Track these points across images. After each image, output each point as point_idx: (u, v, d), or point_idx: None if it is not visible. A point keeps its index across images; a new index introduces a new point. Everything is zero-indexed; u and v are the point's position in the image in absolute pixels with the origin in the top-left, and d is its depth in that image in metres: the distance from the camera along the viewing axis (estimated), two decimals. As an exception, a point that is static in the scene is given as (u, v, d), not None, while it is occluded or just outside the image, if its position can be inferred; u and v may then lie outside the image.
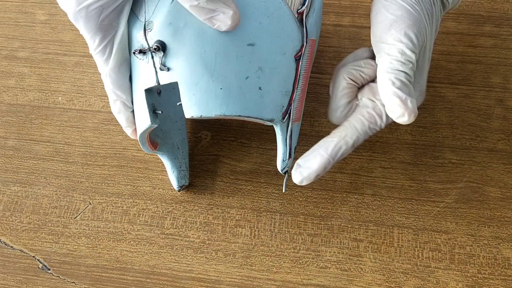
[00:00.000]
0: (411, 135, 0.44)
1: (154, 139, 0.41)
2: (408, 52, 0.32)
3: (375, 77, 0.36)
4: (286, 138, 0.36)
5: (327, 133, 0.41)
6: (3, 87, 0.48)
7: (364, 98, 0.36)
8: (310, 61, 0.38)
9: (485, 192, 0.41)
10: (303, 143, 0.44)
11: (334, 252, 0.39)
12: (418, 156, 0.43)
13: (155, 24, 0.33)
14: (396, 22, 0.33)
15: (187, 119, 0.44)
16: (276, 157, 0.38)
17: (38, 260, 0.40)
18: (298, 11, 0.36)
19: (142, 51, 0.34)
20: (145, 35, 0.34)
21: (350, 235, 0.40)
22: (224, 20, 0.31)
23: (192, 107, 0.33)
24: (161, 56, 0.33)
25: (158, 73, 0.34)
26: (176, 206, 0.42)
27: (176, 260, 0.40)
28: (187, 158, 0.43)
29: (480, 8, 0.50)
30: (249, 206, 0.41)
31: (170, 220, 0.41)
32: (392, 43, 0.33)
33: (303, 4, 0.36)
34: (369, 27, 0.36)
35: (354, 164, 0.43)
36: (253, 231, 0.40)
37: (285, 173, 0.37)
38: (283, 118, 0.35)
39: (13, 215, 0.42)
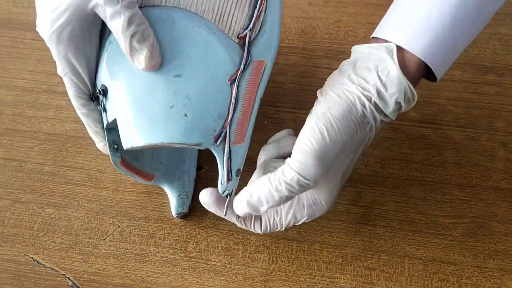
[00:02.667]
0: (420, 172, 0.47)
1: (150, 172, 0.44)
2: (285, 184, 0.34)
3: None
4: (224, 161, 0.38)
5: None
6: (43, 118, 0.52)
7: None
8: (255, 83, 0.39)
9: (490, 227, 0.44)
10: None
11: (348, 279, 0.42)
12: (427, 192, 0.46)
13: (99, 71, 0.38)
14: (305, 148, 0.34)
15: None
16: None
17: (68, 278, 0.43)
18: (239, 36, 0.39)
19: (92, 97, 0.38)
20: (95, 81, 0.38)
21: (363, 263, 0.42)
22: (140, 61, 0.35)
23: (124, 139, 0.37)
24: (102, 100, 0.38)
25: (106, 114, 0.38)
26: (199, 231, 0.44)
27: (198, 282, 0.42)
28: (191, 187, 0.46)
29: (483, 59, 0.55)
30: (267, 233, 0.44)
31: (193, 244, 0.44)
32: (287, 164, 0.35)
33: (246, 28, 0.39)
34: None
35: (367, 197, 0.46)
36: (271, 257, 0.43)
37: (226, 196, 0.38)
38: (216, 142, 0.37)
39: (47, 235, 0.45)
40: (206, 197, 0.39)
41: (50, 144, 0.50)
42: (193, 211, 0.46)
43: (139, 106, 0.36)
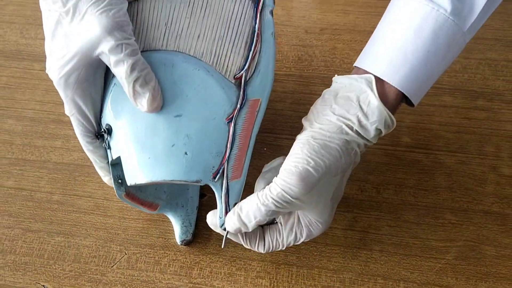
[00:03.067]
0: (414, 197, 0.49)
1: (154, 201, 0.46)
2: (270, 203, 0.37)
3: None
4: (222, 196, 0.40)
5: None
6: (51, 148, 0.55)
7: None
8: (251, 121, 0.41)
9: (482, 250, 0.45)
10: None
11: (346, 303, 0.43)
12: (421, 216, 0.48)
13: (104, 111, 0.41)
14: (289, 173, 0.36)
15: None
16: None
17: (78, 304, 0.45)
18: (236, 76, 0.41)
19: (97, 135, 0.41)
20: (100, 123, 0.41)
21: (360, 287, 0.44)
22: (143, 104, 0.38)
23: (128, 176, 0.40)
24: (107, 138, 0.40)
25: (111, 151, 0.41)
26: (203, 258, 0.46)
27: (202, 307, 0.44)
28: (194, 215, 0.48)
29: (473, 84, 0.57)
30: (268, 259, 0.46)
31: (197, 270, 0.46)
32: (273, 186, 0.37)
33: (242, 69, 0.41)
34: None
35: (364, 222, 0.48)
36: (272, 282, 0.45)
37: (224, 229, 0.40)
38: (214, 178, 0.39)
39: (57, 263, 0.47)
40: (213, 219, 0.40)
41: (58, 173, 0.53)
42: (197, 237, 0.48)
43: (142, 144, 0.38)
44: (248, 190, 0.45)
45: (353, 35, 0.63)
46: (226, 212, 0.40)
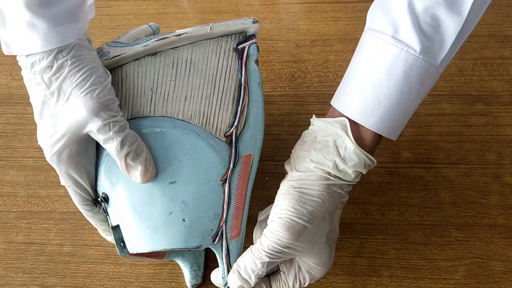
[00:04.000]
0: (419, 216, 0.49)
1: (160, 251, 0.46)
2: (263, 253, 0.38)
3: None
4: (223, 257, 0.41)
5: (344, 219, 0.47)
6: (55, 196, 0.55)
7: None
8: (245, 177, 0.41)
9: (490, 266, 0.46)
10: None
11: (360, 333, 0.44)
12: (427, 236, 0.48)
13: (99, 179, 0.41)
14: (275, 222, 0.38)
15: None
16: None
17: None
18: (226, 134, 0.41)
19: (94, 202, 0.41)
20: (96, 189, 0.41)
21: (373, 316, 0.45)
22: (136, 176, 0.38)
23: (129, 244, 0.40)
24: (104, 206, 0.41)
25: (109, 217, 0.42)
26: (216, 299, 0.47)
27: None
28: (201, 257, 0.48)
29: (470, 88, 0.56)
30: (281, 295, 0.47)
31: (212, 312, 0.47)
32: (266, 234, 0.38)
33: (232, 126, 0.41)
34: None
35: (371, 247, 0.48)
36: (286, 318, 0.46)
37: None
38: (214, 241, 0.40)
39: (75, 317, 0.48)
40: (217, 278, 0.42)
41: (66, 224, 0.53)
42: (208, 278, 0.48)
43: (139, 214, 0.39)
44: (251, 223, 0.46)
45: (345, 44, 0.62)
46: (229, 272, 0.40)
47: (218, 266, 0.42)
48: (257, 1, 0.68)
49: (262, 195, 0.52)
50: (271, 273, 0.42)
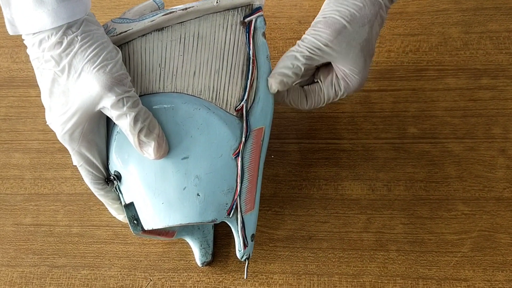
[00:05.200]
0: (425, 190, 0.49)
1: (170, 229, 0.47)
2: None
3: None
4: (238, 230, 0.41)
5: (351, 195, 0.48)
6: (61, 178, 0.55)
7: None
8: (257, 151, 0.41)
9: (497, 239, 0.46)
10: (330, 207, 0.49)
11: (369, 307, 0.45)
12: (433, 210, 0.48)
13: (110, 158, 0.40)
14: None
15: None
16: (307, 222, 0.46)
17: (113, 335, 0.47)
18: (236, 108, 0.41)
19: (107, 181, 0.41)
20: (108, 167, 0.41)
21: (380, 290, 0.46)
22: (149, 152, 0.38)
23: (144, 221, 0.40)
24: (117, 184, 0.41)
25: (122, 195, 0.41)
26: (225, 276, 0.48)
27: (231, 325, 0.46)
28: (210, 235, 0.48)
29: (476, 61, 0.56)
30: (289, 270, 0.47)
31: (222, 289, 0.47)
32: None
33: (242, 100, 0.41)
34: (378, 90, 0.44)
35: (378, 223, 0.48)
36: (295, 293, 0.46)
37: (245, 260, 0.42)
38: (229, 214, 0.40)
39: (86, 297, 0.49)
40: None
41: (73, 205, 0.53)
42: (217, 256, 0.49)
43: (153, 190, 0.39)
44: (261, 201, 0.46)
45: (348, 20, 0.61)
46: (245, 246, 0.40)
47: (226, 244, 0.42)
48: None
49: (268, 173, 0.52)
50: (306, 84, 0.44)
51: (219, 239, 0.49)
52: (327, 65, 0.43)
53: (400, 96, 0.54)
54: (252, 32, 0.40)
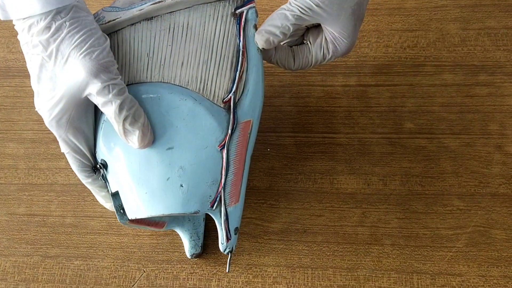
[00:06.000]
0: (421, 185, 0.49)
1: (160, 219, 0.46)
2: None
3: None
4: (221, 223, 0.40)
5: (346, 189, 0.48)
6: (56, 169, 0.55)
7: None
8: (243, 144, 0.41)
9: (492, 234, 0.46)
10: (325, 201, 0.49)
11: (362, 301, 0.45)
12: (429, 205, 0.48)
13: (97, 146, 0.40)
14: None
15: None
16: (302, 216, 0.46)
17: (105, 326, 0.46)
18: (224, 100, 0.40)
19: (93, 169, 0.41)
20: (95, 156, 0.41)
21: (375, 283, 0.45)
22: (134, 141, 0.38)
23: (127, 210, 0.40)
24: (103, 172, 0.41)
25: (109, 184, 0.41)
26: (219, 268, 0.48)
27: (224, 317, 0.46)
28: (201, 227, 0.48)
29: (473, 58, 0.56)
30: (283, 263, 0.47)
31: (215, 281, 0.47)
32: None
33: (230, 92, 0.40)
34: (375, 85, 0.42)
35: (373, 217, 0.48)
36: (289, 286, 0.46)
37: (227, 253, 0.41)
38: (212, 206, 0.40)
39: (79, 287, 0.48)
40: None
41: (67, 195, 0.53)
42: (211, 248, 0.49)
43: (137, 180, 0.39)
44: (256, 194, 0.46)
45: (347, 15, 0.61)
46: (228, 239, 0.40)
47: (218, 236, 0.42)
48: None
49: (264, 166, 0.52)
50: (294, 44, 0.44)
51: (212, 231, 0.49)
52: (317, 27, 0.43)
53: (397, 91, 0.54)
54: (243, 23, 0.40)
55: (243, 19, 0.40)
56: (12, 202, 0.53)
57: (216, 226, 0.41)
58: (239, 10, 0.40)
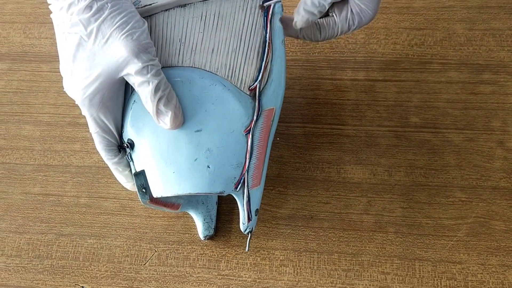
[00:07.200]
0: (425, 177, 0.51)
1: (176, 201, 0.48)
2: None
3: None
4: (244, 204, 0.42)
5: (353, 179, 0.49)
6: (71, 151, 0.56)
7: None
8: (266, 130, 0.43)
9: (491, 225, 0.48)
10: (332, 189, 0.51)
11: (366, 285, 0.47)
12: (432, 196, 0.50)
13: (125, 126, 0.42)
14: None
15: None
16: (309, 203, 0.48)
17: (117, 302, 0.48)
18: (250, 88, 0.42)
19: (119, 148, 0.42)
20: (121, 136, 0.42)
21: (378, 269, 0.47)
22: (166, 121, 0.39)
23: (153, 188, 0.41)
24: (130, 151, 0.42)
25: (133, 164, 0.42)
26: (228, 250, 0.49)
27: (232, 297, 0.47)
28: (214, 210, 0.50)
29: (479, 57, 0.58)
30: (290, 247, 0.49)
31: (224, 262, 0.49)
32: None
33: (256, 80, 0.42)
34: (383, 80, 0.44)
35: (378, 206, 0.50)
36: (295, 269, 0.48)
37: (247, 233, 0.43)
38: (236, 188, 0.41)
39: (92, 265, 0.50)
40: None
41: (82, 177, 0.55)
42: (220, 231, 0.50)
43: (165, 160, 0.40)
44: (266, 181, 0.47)
45: (356, 12, 0.63)
46: (249, 219, 0.42)
47: (229, 220, 0.44)
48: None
49: (274, 155, 0.54)
50: (320, 18, 0.46)
51: (222, 215, 0.51)
52: (342, 1, 0.45)
53: (404, 87, 0.56)
54: (270, 16, 0.42)
55: (270, 12, 0.42)
56: (28, 182, 0.55)
57: (227, 210, 0.43)
58: (267, 3, 0.42)
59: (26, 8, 0.69)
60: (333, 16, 0.45)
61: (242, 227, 0.42)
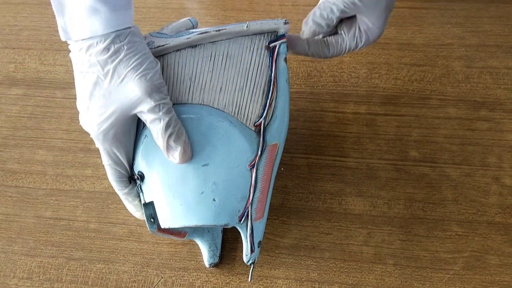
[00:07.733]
0: (423, 211, 0.53)
1: (183, 230, 0.50)
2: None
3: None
4: (247, 236, 0.44)
5: (354, 210, 0.52)
6: (82, 177, 0.59)
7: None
8: (270, 164, 0.45)
9: (486, 260, 0.50)
10: (334, 220, 0.53)
11: (365, 315, 0.48)
12: (429, 230, 0.52)
13: (136, 159, 0.44)
14: None
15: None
16: (311, 233, 0.50)
17: (124, 326, 0.50)
18: (255, 124, 0.44)
19: (130, 180, 0.45)
20: (132, 168, 0.45)
21: (377, 299, 0.49)
22: (175, 156, 0.42)
23: (161, 219, 0.44)
24: (140, 182, 0.44)
25: (143, 194, 0.45)
26: (232, 278, 0.51)
27: (236, 324, 0.49)
28: (219, 238, 0.52)
29: (476, 94, 0.60)
30: (292, 276, 0.51)
31: (228, 290, 0.51)
32: None
33: (261, 117, 0.45)
34: (384, 114, 0.46)
35: (377, 237, 0.52)
36: (297, 298, 0.50)
37: (250, 264, 0.45)
38: (240, 220, 0.43)
39: (101, 289, 0.52)
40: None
41: (92, 202, 0.57)
42: (225, 259, 0.52)
43: (173, 192, 0.42)
44: (269, 210, 0.49)
45: (359, 47, 0.66)
46: (252, 251, 0.44)
47: (234, 248, 0.45)
48: (276, 1, 0.72)
49: (278, 185, 0.56)
50: (328, 35, 0.49)
51: (227, 243, 0.53)
52: (350, 18, 0.47)
53: (404, 121, 0.58)
54: (275, 56, 0.44)
55: (275, 52, 0.44)
56: (40, 206, 0.57)
57: (232, 238, 0.45)
58: (272, 44, 0.44)
59: (42, 35, 0.71)
60: (341, 33, 0.48)
61: (245, 259, 0.44)
